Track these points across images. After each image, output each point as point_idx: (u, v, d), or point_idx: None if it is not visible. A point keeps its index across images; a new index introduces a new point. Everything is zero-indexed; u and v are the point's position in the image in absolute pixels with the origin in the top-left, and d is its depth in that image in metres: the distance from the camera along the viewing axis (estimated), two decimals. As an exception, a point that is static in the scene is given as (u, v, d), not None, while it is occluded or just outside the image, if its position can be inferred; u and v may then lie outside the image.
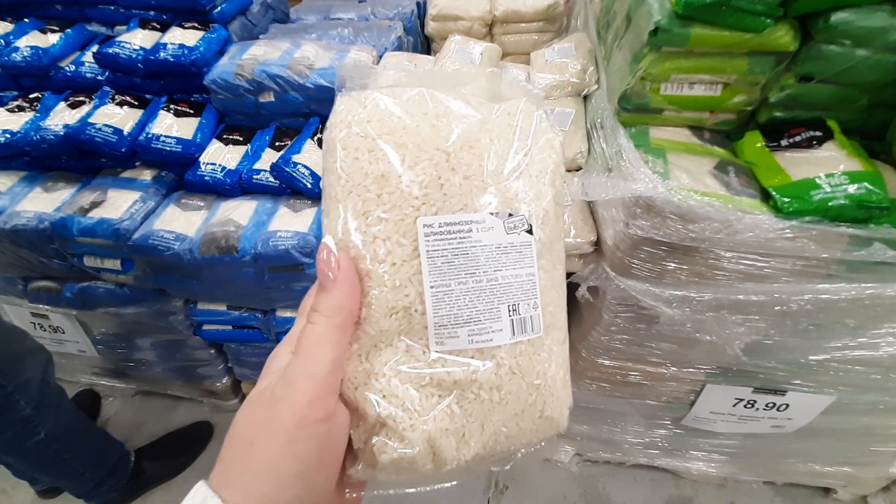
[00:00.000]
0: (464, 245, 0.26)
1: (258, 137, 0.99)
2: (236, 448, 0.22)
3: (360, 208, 0.26)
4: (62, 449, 0.94)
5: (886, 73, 0.61)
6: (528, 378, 0.27)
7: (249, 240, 0.85)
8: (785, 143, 0.66)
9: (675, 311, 0.70)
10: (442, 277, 0.26)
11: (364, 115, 0.27)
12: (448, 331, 0.26)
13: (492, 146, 0.28)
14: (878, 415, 0.85)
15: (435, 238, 0.26)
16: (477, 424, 0.27)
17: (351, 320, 0.25)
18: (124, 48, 0.99)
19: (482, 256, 0.26)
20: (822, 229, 0.58)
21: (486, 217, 0.27)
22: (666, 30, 0.62)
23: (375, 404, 0.25)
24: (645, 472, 1.11)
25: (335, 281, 0.24)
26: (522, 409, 0.28)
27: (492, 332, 0.26)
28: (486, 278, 0.26)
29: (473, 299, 0.26)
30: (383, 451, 0.25)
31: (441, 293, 0.26)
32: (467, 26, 1.17)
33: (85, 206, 0.92)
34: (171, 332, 1.08)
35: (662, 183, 0.62)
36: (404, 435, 0.25)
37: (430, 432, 0.25)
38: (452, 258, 0.26)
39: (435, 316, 0.26)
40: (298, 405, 0.22)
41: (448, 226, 0.26)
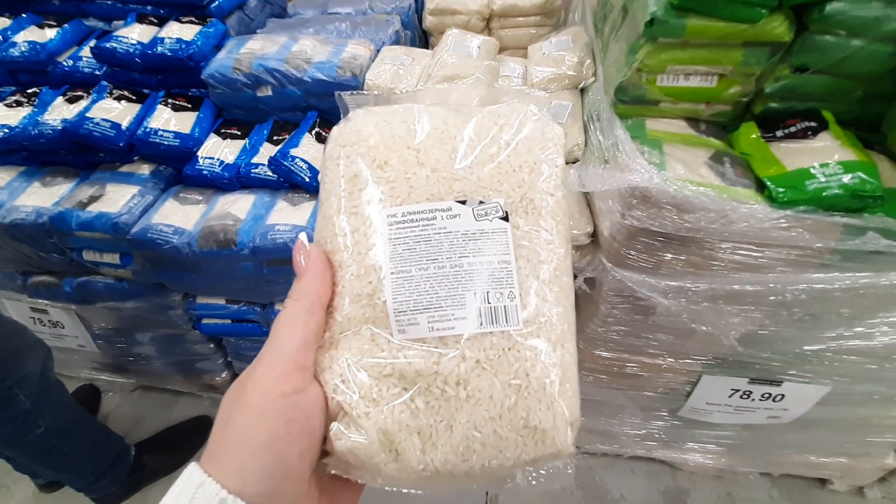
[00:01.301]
0: (427, 232, 0.27)
1: (256, 132, 0.99)
2: (217, 426, 0.24)
3: (336, 206, 0.28)
4: (62, 443, 0.94)
5: (881, 64, 0.61)
6: (502, 376, 0.25)
7: (248, 233, 0.86)
8: (780, 133, 0.66)
9: (671, 301, 0.70)
10: (402, 264, 0.26)
11: (346, 128, 0.30)
12: (408, 317, 0.26)
13: (467, 142, 0.29)
14: (873, 405, 0.85)
15: (398, 227, 0.27)
16: (444, 424, 0.25)
17: (319, 303, 0.26)
18: (122, 43, 0.99)
19: (446, 243, 0.26)
20: (817, 219, 0.59)
21: (451, 205, 0.27)
22: (662, 21, 0.62)
23: (333, 389, 0.25)
24: (642, 463, 1.12)
25: (305, 269, 0.27)
26: (499, 413, 0.25)
27: (454, 320, 0.26)
28: (449, 264, 0.26)
29: (434, 285, 0.26)
30: (338, 437, 0.25)
31: (401, 279, 0.26)
32: (465, 20, 1.17)
33: (83, 200, 0.92)
34: (170, 326, 1.08)
35: (658, 174, 0.62)
36: (359, 423, 0.25)
37: (385, 424, 0.25)
38: (414, 245, 0.26)
39: (394, 302, 0.26)
40: (266, 380, 0.24)
41: (411, 214, 0.27)
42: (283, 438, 0.23)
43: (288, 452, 0.23)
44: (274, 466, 0.23)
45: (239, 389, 0.24)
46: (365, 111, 0.30)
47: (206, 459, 0.24)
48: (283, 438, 0.23)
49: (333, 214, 0.28)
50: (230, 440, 0.23)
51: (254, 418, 0.23)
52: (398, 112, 0.30)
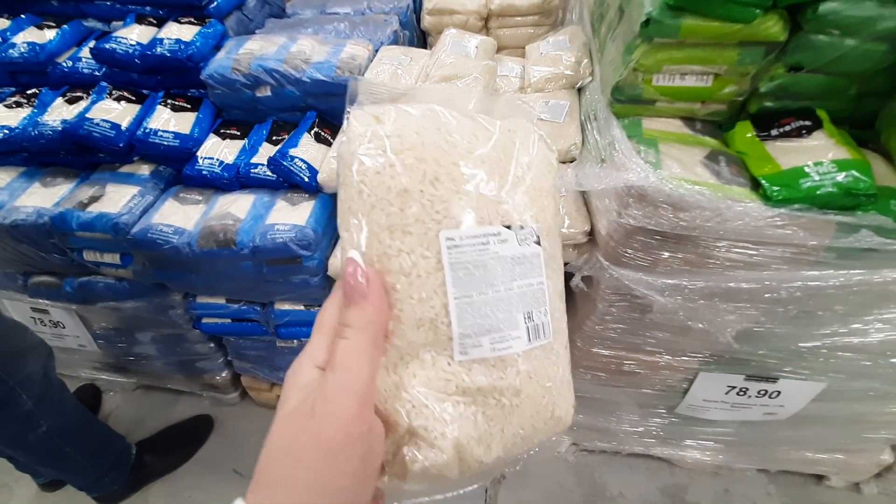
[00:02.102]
0: (483, 257, 0.27)
1: (255, 132, 1.00)
2: (280, 465, 0.22)
3: (385, 222, 0.27)
4: (64, 442, 0.95)
5: (875, 63, 0.62)
6: (541, 381, 0.29)
7: (247, 233, 0.86)
8: (775, 132, 0.67)
9: (667, 299, 0.71)
10: (464, 289, 0.27)
11: (383, 130, 0.27)
12: (472, 340, 0.27)
13: (500, 161, 0.29)
14: (868, 401, 0.86)
15: (457, 251, 0.27)
16: (498, 428, 0.28)
17: (382, 334, 0.26)
18: (121, 43, 0.99)
19: (499, 268, 0.27)
20: (811, 217, 0.59)
21: (500, 230, 0.28)
22: (657, 21, 0.62)
23: (405, 416, 0.26)
24: (640, 460, 1.12)
25: (365, 296, 0.25)
26: (537, 411, 0.29)
27: (511, 340, 0.27)
28: (503, 288, 0.27)
29: (494, 309, 0.27)
30: (414, 460, 0.26)
31: (464, 304, 0.27)
32: (463, 20, 1.17)
33: (84, 200, 0.92)
34: (170, 325, 1.09)
35: (654, 172, 0.63)
36: (434, 443, 0.26)
37: (458, 439, 0.26)
38: (473, 270, 0.27)
39: (459, 327, 0.26)
40: (342, 420, 0.22)
41: (469, 238, 0.27)
42: (359, 481, 0.23)
43: (361, 494, 0.23)
44: None
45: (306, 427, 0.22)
46: (400, 111, 0.28)
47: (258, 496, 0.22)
48: (358, 481, 0.23)
49: (382, 231, 0.27)
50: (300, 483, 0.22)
51: (331, 461, 0.22)
52: (429, 116, 0.29)
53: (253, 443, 1.21)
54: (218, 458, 1.20)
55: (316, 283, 0.92)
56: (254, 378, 1.22)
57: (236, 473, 1.17)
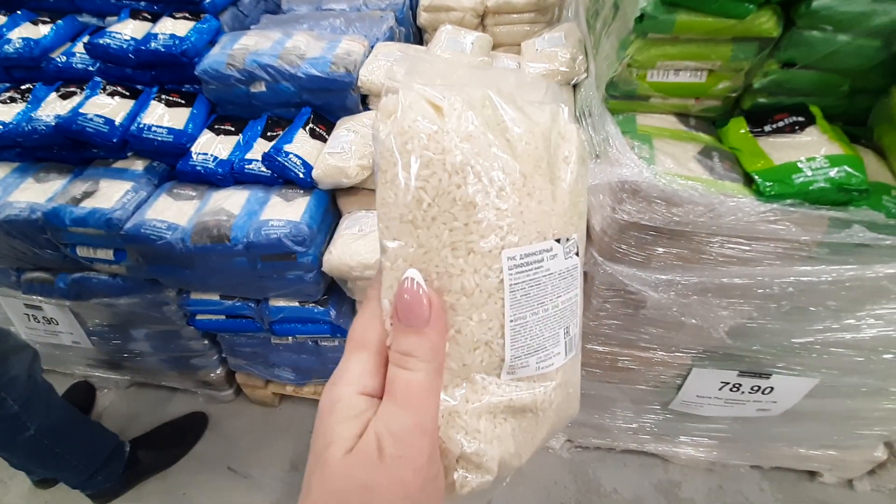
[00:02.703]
0: (538, 275, 0.25)
1: (250, 127, 0.99)
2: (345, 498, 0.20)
3: (448, 239, 0.24)
4: (54, 443, 0.94)
5: (867, 59, 0.62)
6: (567, 389, 0.29)
7: (241, 229, 0.86)
8: (768, 128, 0.67)
9: (661, 294, 0.71)
10: (520, 310, 0.25)
11: (447, 125, 0.23)
12: (521, 361, 0.26)
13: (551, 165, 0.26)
14: (861, 398, 0.86)
15: (517, 270, 0.25)
16: (530, 438, 0.28)
17: (444, 362, 0.24)
18: (115, 39, 0.99)
19: (549, 285, 0.26)
20: (804, 212, 0.59)
21: (552, 244, 0.26)
22: (652, 16, 0.62)
23: (461, 443, 0.25)
24: (635, 457, 1.13)
25: (428, 322, 0.22)
26: (560, 417, 0.29)
27: (553, 357, 0.27)
28: (551, 306, 0.26)
29: (543, 329, 0.26)
30: (464, 485, 0.25)
31: (518, 326, 0.25)
32: (459, 17, 1.17)
33: (77, 196, 0.92)
34: (164, 322, 1.09)
35: (648, 168, 0.63)
36: (483, 465, 0.25)
37: (502, 456, 0.26)
38: (529, 289, 0.25)
39: (512, 349, 0.25)
40: (418, 463, 0.21)
41: (527, 256, 0.25)
42: None
43: None
44: None
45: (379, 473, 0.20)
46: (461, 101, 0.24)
47: None
48: None
49: (444, 248, 0.24)
50: None
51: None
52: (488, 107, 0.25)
53: (248, 440, 1.22)
54: (212, 455, 1.20)
55: (311, 280, 0.92)
56: (248, 375, 1.22)
57: (231, 471, 1.17)
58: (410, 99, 0.24)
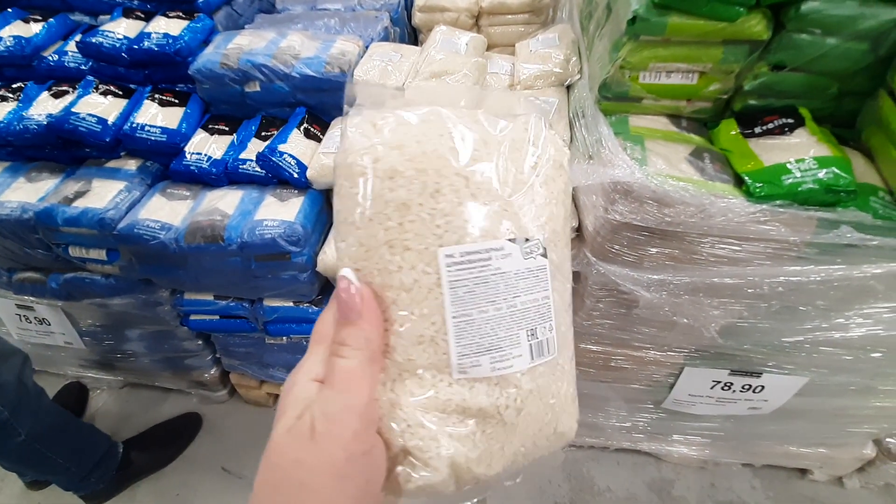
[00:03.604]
0: (484, 273, 0.26)
1: (244, 127, 0.99)
2: (283, 490, 0.22)
3: (383, 237, 0.26)
4: (45, 448, 0.94)
5: (855, 62, 0.63)
6: (545, 398, 0.28)
7: (236, 229, 0.86)
8: (758, 130, 0.68)
9: (653, 294, 0.72)
10: (464, 307, 0.26)
11: (381, 139, 0.26)
12: (471, 360, 0.26)
13: (507, 168, 0.27)
14: (850, 396, 0.87)
15: (457, 268, 0.26)
16: (498, 447, 0.27)
17: (379, 351, 0.25)
18: (108, 37, 0.98)
19: (501, 284, 0.26)
20: (792, 213, 0.60)
21: (504, 244, 0.26)
22: (644, 19, 0.63)
23: (399, 435, 0.25)
24: (628, 455, 1.14)
25: (361, 314, 0.25)
26: (539, 429, 0.28)
27: (512, 359, 0.26)
28: (505, 305, 0.26)
29: (494, 327, 0.26)
30: (408, 479, 0.25)
31: (463, 323, 0.26)
32: (454, 17, 1.17)
33: (69, 195, 0.91)
34: (158, 322, 1.08)
35: (640, 169, 0.63)
36: (429, 463, 0.25)
37: (454, 458, 0.26)
38: (473, 287, 0.26)
39: (458, 346, 0.26)
40: (345, 440, 0.22)
41: (469, 255, 0.26)
42: (361, 498, 0.23)
43: None
44: None
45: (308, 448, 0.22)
46: (396, 118, 0.27)
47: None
48: (361, 499, 0.23)
49: (381, 246, 0.26)
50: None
51: (337, 484, 0.22)
52: (432, 121, 0.27)
53: (242, 441, 1.21)
54: (206, 456, 1.19)
55: (305, 280, 0.92)
56: (242, 375, 1.22)
57: (225, 471, 1.17)
58: (355, 121, 0.27)
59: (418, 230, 0.26)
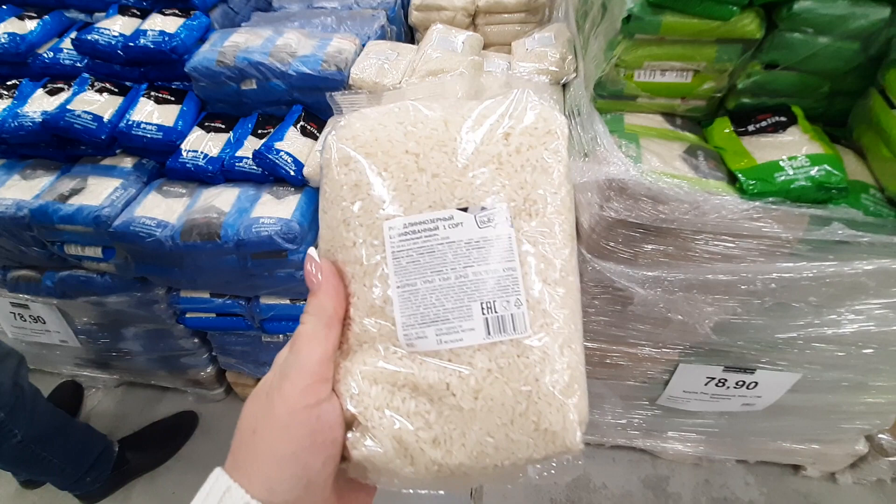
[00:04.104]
0: (430, 243, 0.26)
1: (240, 125, 0.99)
2: (243, 437, 0.25)
3: (341, 216, 0.28)
4: (40, 449, 0.94)
5: (846, 61, 0.63)
6: (513, 383, 0.26)
7: (232, 226, 0.86)
8: (752, 128, 0.68)
9: (648, 291, 0.72)
10: (407, 277, 0.26)
11: (342, 134, 0.29)
12: (416, 331, 0.26)
13: (468, 142, 0.28)
14: (842, 392, 0.88)
15: (400, 238, 0.26)
16: (457, 432, 0.26)
17: (336, 318, 0.27)
18: (103, 35, 0.98)
19: (450, 253, 0.26)
20: (785, 210, 0.61)
21: (453, 213, 0.26)
22: (638, 17, 0.63)
23: (347, 400, 0.26)
24: (623, 452, 1.14)
25: (319, 284, 0.27)
26: (511, 419, 0.25)
27: (461, 332, 0.26)
28: (454, 275, 0.26)
29: (441, 297, 0.26)
30: (353, 446, 0.26)
31: (407, 293, 0.26)
32: (451, 16, 1.18)
33: (64, 193, 0.91)
34: (154, 320, 1.08)
35: (635, 166, 0.64)
36: (373, 433, 0.25)
37: (399, 433, 0.25)
38: (418, 257, 0.26)
39: (402, 316, 0.26)
40: (290, 394, 0.25)
41: (413, 225, 0.26)
42: (308, 449, 0.24)
43: (313, 462, 0.24)
44: (300, 476, 0.24)
45: (265, 404, 0.25)
46: (359, 114, 0.29)
47: (231, 467, 0.25)
48: (308, 449, 0.24)
49: (339, 225, 0.28)
50: (257, 452, 0.24)
51: (281, 431, 0.24)
52: (394, 112, 0.29)
53: (238, 438, 1.21)
54: (202, 454, 1.19)
55: (302, 277, 0.92)
56: (239, 374, 1.22)
57: (221, 469, 1.16)
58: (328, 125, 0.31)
59: (366, 206, 0.27)
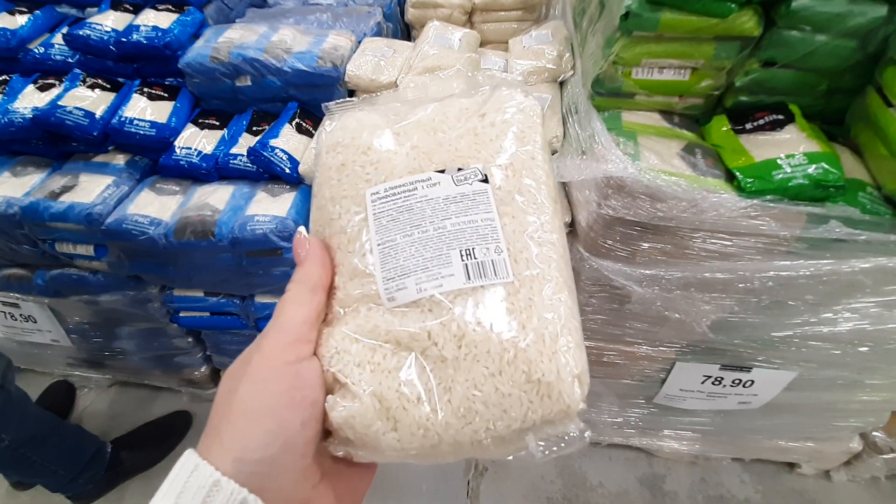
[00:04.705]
0: (409, 202, 0.28)
1: (235, 122, 0.98)
2: (220, 401, 0.25)
3: (329, 194, 0.30)
4: (30, 452, 0.92)
5: (844, 59, 0.63)
6: (498, 330, 0.24)
7: (226, 224, 0.85)
8: (749, 126, 0.68)
9: (645, 289, 0.72)
10: (387, 234, 0.27)
11: (330, 129, 0.32)
12: (396, 283, 0.26)
13: (446, 120, 0.31)
14: (837, 390, 0.88)
15: (381, 202, 0.28)
16: (442, 387, 0.25)
17: (320, 284, 0.28)
18: (95, 30, 0.97)
19: (428, 209, 0.27)
20: (783, 208, 0.61)
21: (431, 175, 0.28)
22: (637, 14, 0.63)
23: (328, 361, 0.26)
24: (620, 451, 1.14)
25: (306, 255, 0.28)
26: (499, 369, 0.24)
27: (441, 278, 0.26)
28: (432, 227, 0.27)
29: (420, 249, 0.27)
30: (333, 407, 0.25)
31: (387, 248, 0.27)
32: (447, 13, 1.17)
33: (56, 190, 0.90)
34: (147, 319, 1.07)
35: (633, 164, 0.64)
36: (353, 390, 0.25)
37: (380, 390, 0.25)
38: (397, 215, 0.28)
39: (383, 270, 0.27)
40: (270, 350, 0.25)
41: (393, 189, 0.28)
42: (286, 405, 0.24)
43: (290, 419, 0.24)
44: (276, 432, 0.23)
45: (244, 362, 0.25)
46: (347, 114, 0.32)
47: (206, 435, 0.24)
48: (285, 405, 0.24)
49: (327, 202, 0.30)
50: (232, 409, 0.24)
51: (257, 385, 0.24)
52: (381, 109, 0.32)
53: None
54: (197, 454, 1.18)
55: (297, 276, 0.91)
56: (234, 373, 1.21)
57: (216, 469, 1.15)
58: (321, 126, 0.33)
59: (351, 180, 0.29)
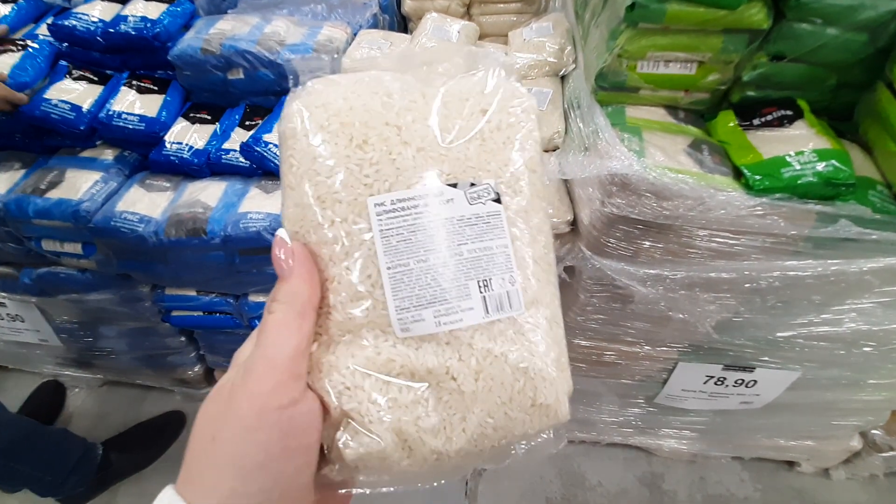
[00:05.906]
0: (421, 220, 0.25)
1: (227, 116, 0.95)
2: (198, 445, 0.22)
3: (313, 193, 0.25)
4: (11, 461, 0.90)
5: (854, 53, 0.62)
6: (511, 361, 0.25)
7: (219, 221, 0.82)
8: (757, 122, 0.67)
9: (648, 289, 0.71)
10: (398, 257, 0.24)
11: (310, 101, 0.26)
12: (411, 314, 0.24)
13: (449, 115, 0.27)
14: (839, 390, 0.88)
15: (388, 216, 0.25)
16: (458, 417, 0.25)
17: (310, 306, 0.24)
18: (82, 20, 0.93)
19: (443, 231, 0.25)
20: (792, 206, 0.59)
21: (444, 189, 0.25)
22: (643, 5, 0.61)
23: (335, 398, 0.24)
24: (619, 450, 1.13)
25: (291, 269, 0.24)
26: (510, 397, 0.25)
27: (461, 312, 0.24)
28: (449, 254, 0.25)
29: (437, 277, 0.24)
30: (347, 446, 0.24)
31: (399, 274, 0.24)
32: (445, 5, 1.14)
33: (41, 186, 0.87)
34: (138, 319, 1.04)
35: (638, 161, 0.62)
36: (370, 429, 0.24)
37: (399, 425, 0.24)
38: (409, 235, 0.25)
39: (395, 298, 0.24)
40: (258, 393, 0.22)
41: (401, 202, 0.25)
42: (280, 456, 0.21)
43: (285, 471, 0.22)
44: (270, 489, 0.21)
45: (225, 403, 0.22)
46: (325, 80, 0.27)
47: (185, 483, 0.21)
48: (279, 456, 0.21)
49: (312, 203, 0.25)
50: (217, 463, 0.21)
51: (246, 436, 0.21)
52: (365, 81, 0.27)
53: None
54: (190, 455, 1.16)
55: (291, 274, 0.89)
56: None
57: (209, 471, 1.14)
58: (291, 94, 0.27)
59: (346, 181, 0.25)
